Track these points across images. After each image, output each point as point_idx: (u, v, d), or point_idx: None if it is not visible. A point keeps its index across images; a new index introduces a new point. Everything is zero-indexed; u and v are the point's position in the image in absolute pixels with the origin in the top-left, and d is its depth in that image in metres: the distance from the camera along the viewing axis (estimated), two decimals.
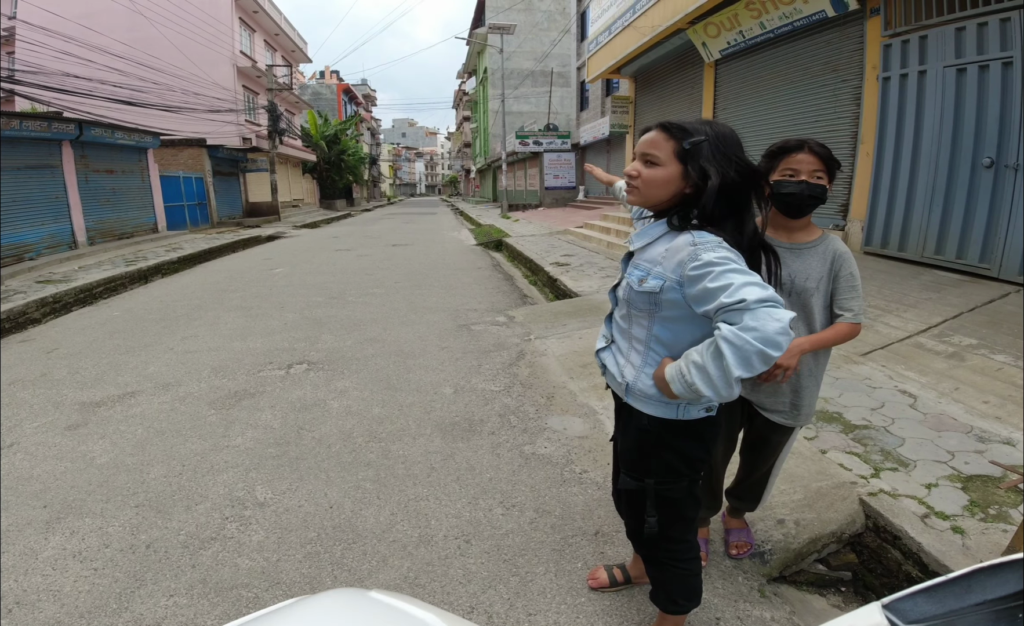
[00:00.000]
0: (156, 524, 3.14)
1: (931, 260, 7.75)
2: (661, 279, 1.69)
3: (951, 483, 3.01)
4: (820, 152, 2.11)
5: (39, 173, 13.88)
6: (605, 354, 2.03)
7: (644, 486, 1.92)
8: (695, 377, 1.58)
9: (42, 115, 14.62)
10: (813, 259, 2.20)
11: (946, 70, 7.50)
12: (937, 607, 0.64)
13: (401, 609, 0.70)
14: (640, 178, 1.75)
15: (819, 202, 2.12)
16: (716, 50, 12.62)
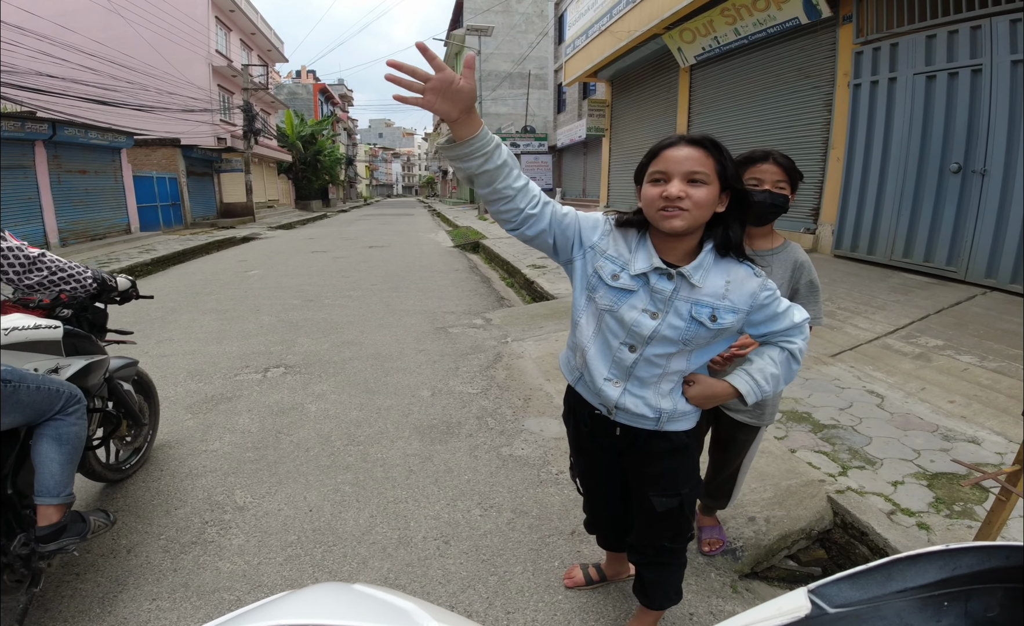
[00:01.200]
0: (136, 529, 3.14)
1: (899, 263, 7.93)
2: (734, 313, 1.68)
3: (917, 481, 3.11)
4: (783, 163, 2.19)
5: (11, 173, 13.71)
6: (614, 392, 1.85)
7: (683, 498, 1.95)
8: (771, 385, 1.77)
9: (15, 115, 14.43)
10: (775, 266, 2.28)
11: (916, 77, 7.69)
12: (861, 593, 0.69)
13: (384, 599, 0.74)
14: (691, 199, 1.57)
15: (781, 211, 2.20)
16: (691, 55, 12.78)
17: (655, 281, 1.69)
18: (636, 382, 1.81)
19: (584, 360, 1.87)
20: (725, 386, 1.78)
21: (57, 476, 2.44)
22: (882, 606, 0.69)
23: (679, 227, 1.59)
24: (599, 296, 1.78)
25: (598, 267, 1.76)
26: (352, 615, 0.68)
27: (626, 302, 1.73)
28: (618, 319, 1.75)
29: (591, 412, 1.98)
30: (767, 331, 1.76)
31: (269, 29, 35.82)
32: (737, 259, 1.70)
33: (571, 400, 2.10)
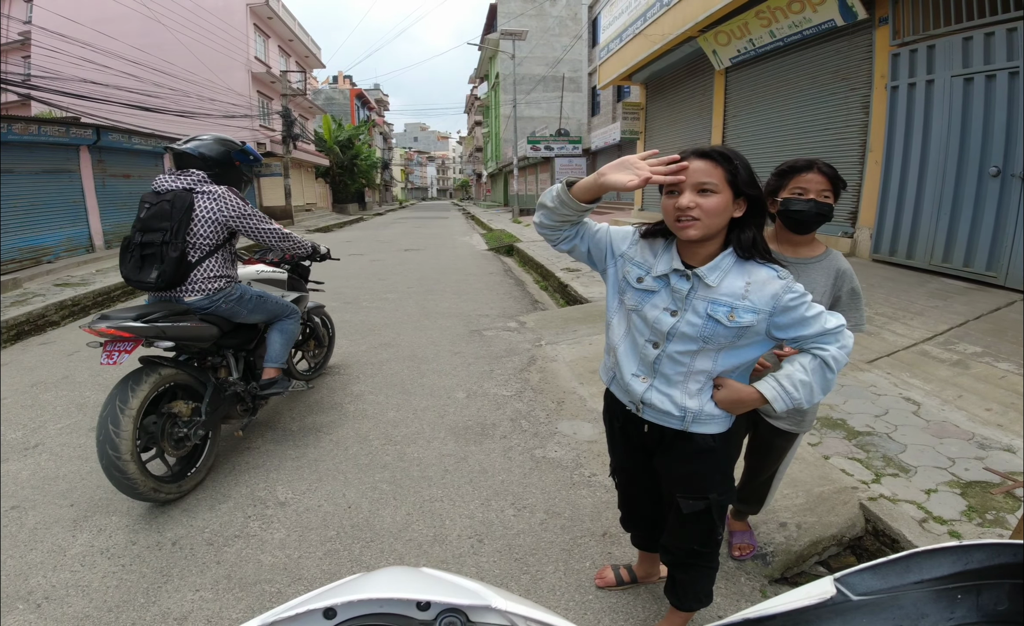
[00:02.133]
0: (181, 522, 3.27)
1: (938, 268, 7.80)
2: (754, 312, 1.73)
3: (950, 489, 3.09)
4: (828, 172, 2.20)
5: (57, 177, 14.06)
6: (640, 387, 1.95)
7: (710, 502, 1.99)
8: (801, 392, 1.76)
9: (61, 120, 14.82)
10: (817, 274, 2.29)
11: (953, 79, 7.57)
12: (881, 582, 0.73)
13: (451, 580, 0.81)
14: (700, 208, 1.68)
15: (825, 220, 2.22)
16: (726, 58, 12.69)
17: (674, 282, 1.81)
18: (662, 379, 1.89)
19: (616, 358, 1.99)
20: (752, 391, 1.83)
21: (278, 352, 4.19)
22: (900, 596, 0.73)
23: (693, 235, 1.71)
24: (627, 298, 1.91)
25: (626, 272, 1.91)
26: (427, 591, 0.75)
27: (649, 302, 1.86)
28: (643, 317, 1.88)
29: (623, 409, 2.06)
30: (796, 335, 1.77)
31: (306, 35, 36.32)
32: (761, 261, 1.77)
33: (608, 398, 2.19)
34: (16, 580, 2.82)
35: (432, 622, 0.72)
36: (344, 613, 0.72)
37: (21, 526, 3.28)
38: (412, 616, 0.73)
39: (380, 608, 0.72)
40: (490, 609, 0.74)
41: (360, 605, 0.72)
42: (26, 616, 2.59)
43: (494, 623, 0.74)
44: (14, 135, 12.34)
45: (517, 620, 0.74)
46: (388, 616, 0.72)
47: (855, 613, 0.72)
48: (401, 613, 0.73)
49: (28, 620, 2.56)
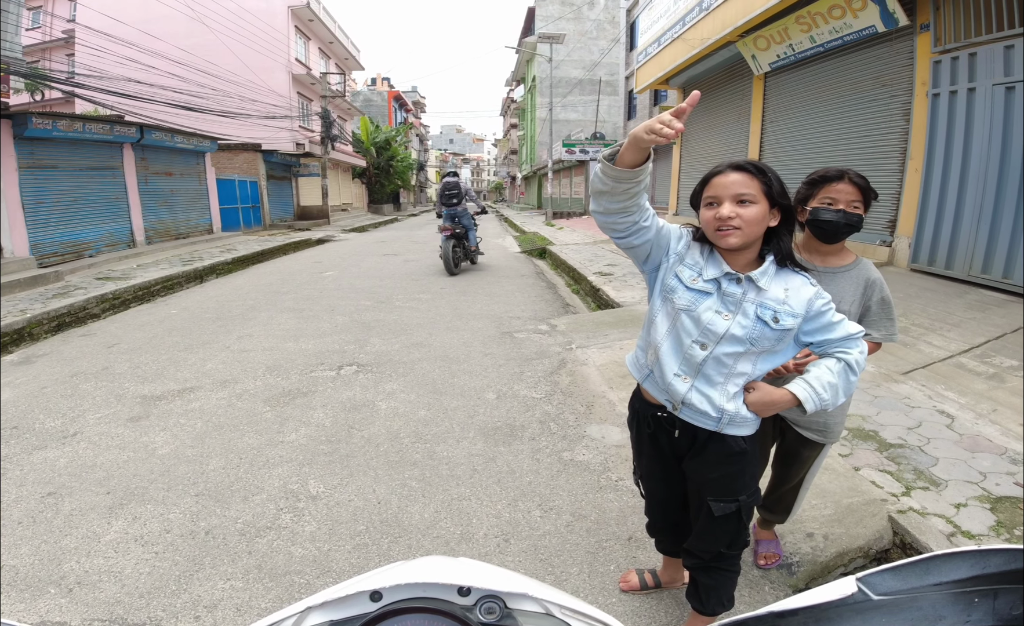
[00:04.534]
0: (215, 512, 3.35)
1: (977, 279, 7.65)
2: (794, 317, 1.81)
3: (980, 504, 3.04)
4: (859, 183, 2.19)
5: (100, 174, 14.47)
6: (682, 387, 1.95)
7: (740, 504, 2.02)
8: (829, 394, 1.80)
9: (105, 118, 15.20)
10: (846, 283, 2.28)
11: (995, 88, 7.43)
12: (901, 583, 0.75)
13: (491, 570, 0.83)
14: (741, 218, 1.75)
15: (855, 230, 2.21)
16: (766, 63, 12.58)
17: (726, 285, 1.85)
18: (704, 380, 1.91)
19: (656, 356, 1.99)
20: (784, 393, 1.85)
21: (472, 240, 12.76)
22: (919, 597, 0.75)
23: (735, 244, 1.78)
24: (677, 297, 1.92)
25: (679, 271, 1.92)
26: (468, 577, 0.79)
27: (703, 303, 1.87)
28: (694, 318, 1.88)
29: (654, 414, 2.08)
30: (822, 339, 1.85)
31: (346, 37, 36.74)
32: (793, 269, 1.87)
33: (635, 404, 2.21)
34: (49, 565, 2.90)
35: (472, 607, 0.76)
36: (389, 596, 0.75)
37: (57, 512, 3.37)
38: (453, 600, 0.76)
39: (424, 592, 0.76)
40: (527, 597, 0.77)
41: (405, 589, 0.76)
42: (57, 600, 2.66)
43: (530, 610, 0.77)
44: (59, 132, 12.72)
45: (552, 607, 0.77)
46: (430, 600, 0.76)
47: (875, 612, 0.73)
48: (443, 597, 0.76)
49: (59, 604, 2.64)
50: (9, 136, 11.65)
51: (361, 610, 0.75)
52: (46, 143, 12.59)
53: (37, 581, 2.78)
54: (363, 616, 0.74)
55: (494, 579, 0.79)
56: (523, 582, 0.80)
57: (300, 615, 0.76)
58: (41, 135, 12.26)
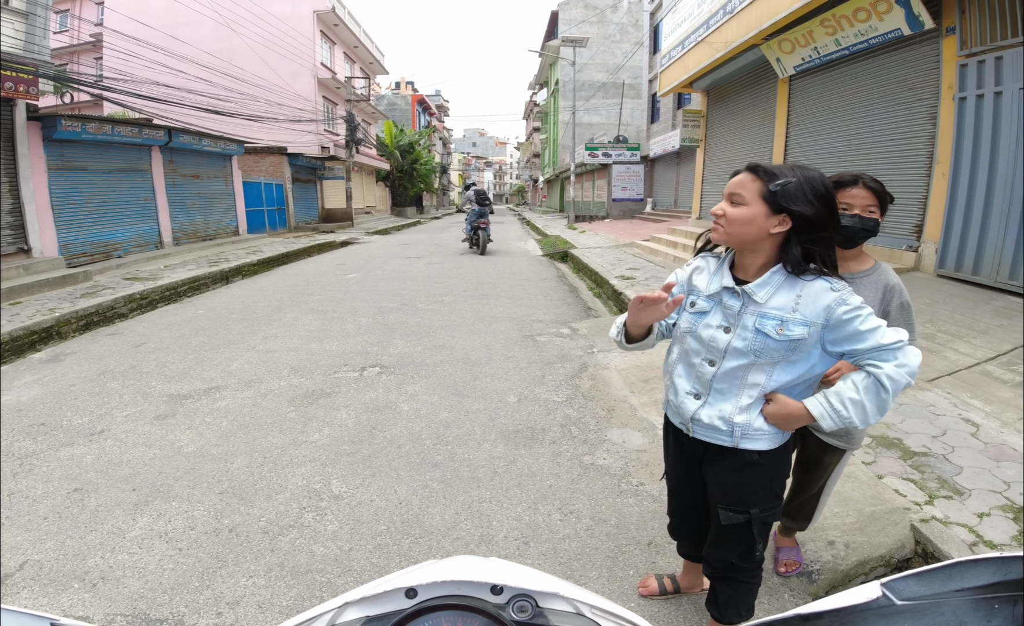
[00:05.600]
0: (239, 510, 3.40)
1: (1005, 285, 7.52)
2: (805, 325, 1.74)
3: (1003, 513, 3.00)
4: (874, 187, 2.19)
5: (129, 176, 14.70)
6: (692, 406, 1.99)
7: (751, 517, 2.00)
8: (851, 411, 1.72)
9: (134, 121, 15.42)
10: (865, 288, 2.26)
11: (1022, 92, 7.30)
12: (925, 589, 0.75)
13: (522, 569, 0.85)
14: (725, 217, 1.79)
15: (871, 235, 2.21)
16: (790, 66, 12.47)
17: (726, 299, 1.87)
18: (717, 395, 1.92)
19: (671, 380, 2.06)
20: (800, 407, 1.81)
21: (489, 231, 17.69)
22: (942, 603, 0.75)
23: (717, 239, 1.86)
24: (682, 321, 1.99)
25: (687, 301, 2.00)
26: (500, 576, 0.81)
27: (702, 321, 1.91)
28: (697, 338, 1.92)
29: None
30: (850, 350, 1.74)
31: (371, 42, 36.98)
32: (816, 275, 1.76)
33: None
34: (73, 560, 2.95)
35: (504, 605, 0.78)
36: (424, 593, 0.77)
37: (83, 508, 3.44)
38: (486, 598, 0.78)
39: (457, 590, 0.78)
40: (558, 596, 0.79)
41: (440, 586, 0.78)
42: (80, 595, 2.71)
43: (561, 609, 0.79)
44: (88, 134, 12.96)
45: (583, 607, 0.79)
46: (465, 597, 0.78)
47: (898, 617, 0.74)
48: (477, 595, 0.78)
49: (83, 599, 2.68)
50: (38, 138, 11.87)
51: (397, 607, 0.77)
52: (75, 145, 12.80)
53: (61, 575, 2.84)
54: (399, 612, 0.77)
55: (525, 578, 0.81)
56: (554, 582, 0.82)
57: (337, 611, 0.78)
58: (70, 137, 12.48)
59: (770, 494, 2.01)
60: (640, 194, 31.84)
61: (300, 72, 28.19)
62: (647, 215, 28.48)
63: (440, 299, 9.79)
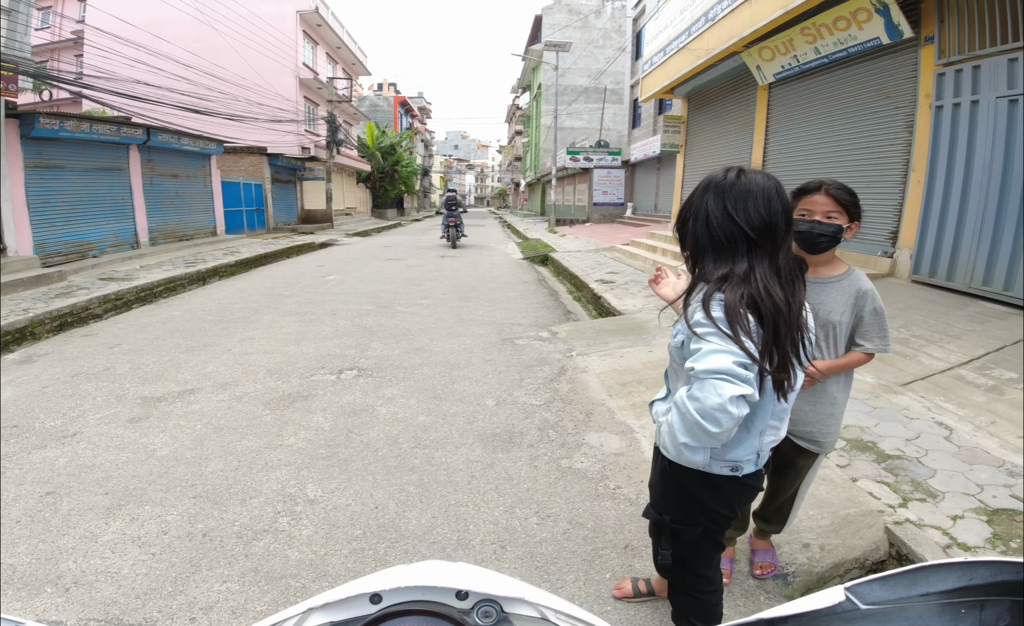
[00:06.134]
0: (212, 515, 3.36)
1: (978, 291, 7.63)
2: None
3: (977, 516, 3.04)
4: (835, 194, 2.23)
5: (107, 174, 14.54)
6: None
7: (661, 520, 2.02)
8: (666, 423, 1.70)
9: (112, 119, 15.24)
10: (837, 293, 2.31)
11: (998, 100, 7.42)
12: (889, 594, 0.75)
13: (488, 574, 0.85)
14: None
15: (833, 241, 2.24)
16: (770, 73, 12.59)
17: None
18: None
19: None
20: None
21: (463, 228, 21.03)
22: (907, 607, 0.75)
23: None
24: None
25: None
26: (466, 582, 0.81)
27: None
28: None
29: None
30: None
31: (354, 43, 36.82)
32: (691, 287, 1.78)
33: None
34: (46, 564, 2.91)
35: (469, 611, 0.78)
36: (389, 599, 0.77)
37: (55, 511, 3.39)
38: (451, 604, 0.78)
39: (422, 595, 0.78)
40: (523, 601, 0.79)
41: (404, 591, 0.77)
42: (54, 599, 2.67)
43: (526, 615, 0.79)
44: (67, 132, 12.78)
45: (548, 612, 0.79)
46: (429, 603, 0.77)
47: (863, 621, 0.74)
48: (441, 601, 0.78)
49: (56, 604, 2.64)
50: (16, 136, 11.70)
51: (361, 612, 0.77)
52: (53, 143, 12.63)
53: (34, 580, 2.79)
54: (363, 618, 0.76)
55: (491, 584, 0.81)
56: (519, 587, 0.81)
57: (301, 616, 0.78)
58: (48, 135, 12.31)
59: (684, 512, 1.98)
60: (621, 198, 32.00)
61: (282, 72, 28.00)
62: (627, 219, 28.60)
63: (419, 301, 9.76)
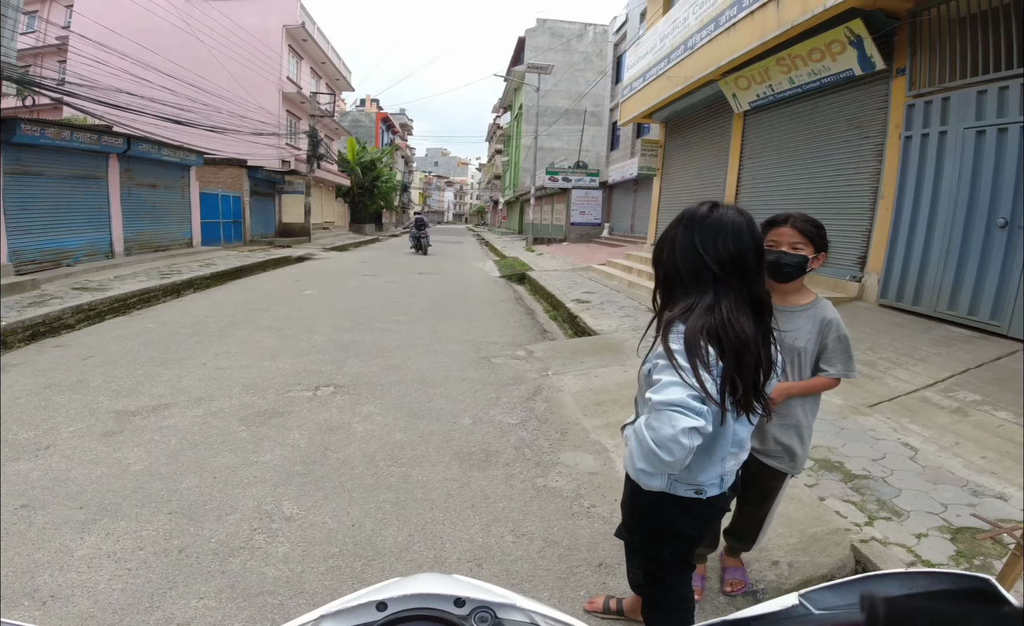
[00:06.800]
0: (188, 531, 3.35)
1: (943, 315, 7.84)
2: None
3: (941, 534, 3.15)
4: (802, 227, 2.34)
5: (85, 183, 14.39)
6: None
7: (632, 539, 2.09)
8: (630, 446, 1.70)
9: (94, 127, 15.09)
10: (803, 321, 2.42)
11: (966, 131, 7.66)
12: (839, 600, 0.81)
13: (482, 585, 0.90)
14: None
15: (797, 270, 2.35)
16: (746, 101, 12.83)
17: None
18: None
19: None
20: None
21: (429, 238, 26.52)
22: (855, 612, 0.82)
23: None
24: None
25: None
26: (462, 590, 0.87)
27: None
28: None
29: None
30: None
31: (338, 58, 36.86)
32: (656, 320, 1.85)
33: None
34: (22, 577, 2.89)
35: (466, 617, 0.83)
36: (394, 606, 0.83)
37: (30, 525, 3.36)
38: (450, 611, 0.84)
39: (424, 603, 0.84)
40: (515, 608, 0.85)
41: (409, 600, 0.84)
42: (31, 612, 2.65)
43: (517, 620, 0.85)
44: (47, 139, 12.66)
45: (539, 618, 0.85)
46: (431, 610, 0.83)
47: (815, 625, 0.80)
48: (441, 608, 0.84)
49: (32, 616, 2.63)
50: None
51: (369, 619, 0.83)
52: (33, 150, 12.47)
53: (11, 592, 2.77)
54: (371, 624, 0.82)
55: (485, 592, 0.87)
56: (511, 595, 0.88)
57: (314, 623, 0.82)
58: (28, 142, 12.16)
59: (653, 532, 2.03)
60: (598, 218, 32.27)
61: (265, 85, 27.94)
62: (604, 239, 28.84)
63: (397, 318, 9.77)
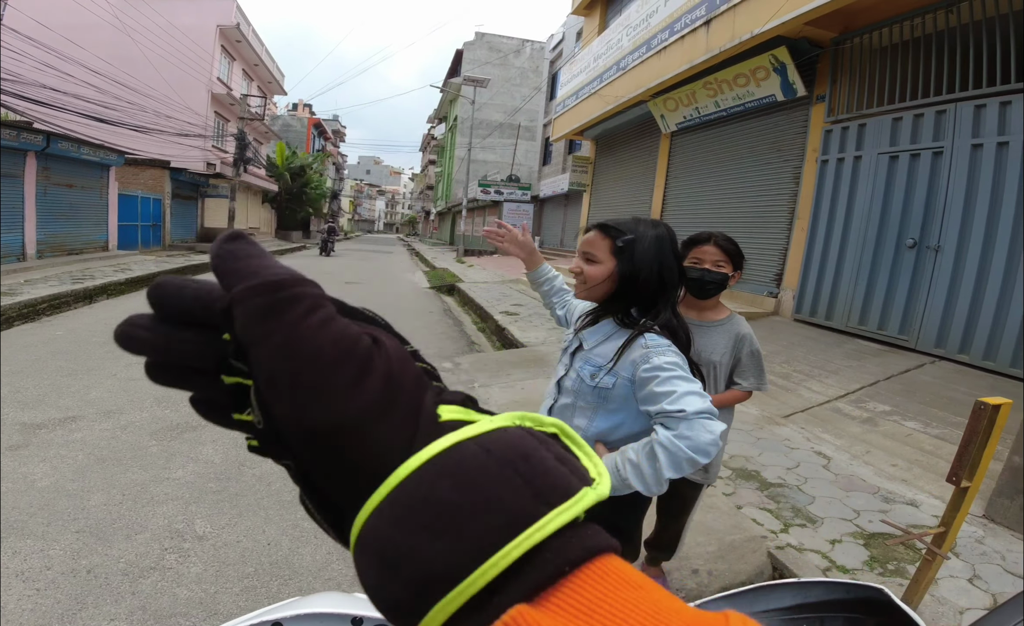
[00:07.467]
0: (97, 550, 3.21)
1: (855, 330, 8.25)
2: (614, 377, 1.78)
3: (854, 540, 3.30)
4: (723, 246, 2.43)
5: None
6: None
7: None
8: (629, 473, 1.67)
9: (12, 123, 14.33)
10: (719, 336, 2.50)
11: (880, 156, 8.09)
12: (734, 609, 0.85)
13: None
14: (584, 274, 1.84)
15: (719, 287, 2.44)
16: (673, 122, 13.19)
17: (569, 341, 2.02)
18: None
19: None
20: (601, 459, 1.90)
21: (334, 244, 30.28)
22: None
23: (580, 295, 1.93)
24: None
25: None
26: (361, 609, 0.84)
27: (560, 359, 2.05)
28: (555, 371, 2.07)
29: None
30: (646, 409, 1.75)
31: (272, 61, 36.09)
32: (643, 330, 1.78)
33: None
34: None
35: None
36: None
37: None
38: None
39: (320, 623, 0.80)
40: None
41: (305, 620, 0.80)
42: None
43: None
44: None
45: None
46: None
47: None
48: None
49: None
50: None
51: None
52: None
53: None
54: None
55: None
56: None
57: None
58: None
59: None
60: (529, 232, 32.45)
61: (195, 85, 27.10)
62: None
63: None
